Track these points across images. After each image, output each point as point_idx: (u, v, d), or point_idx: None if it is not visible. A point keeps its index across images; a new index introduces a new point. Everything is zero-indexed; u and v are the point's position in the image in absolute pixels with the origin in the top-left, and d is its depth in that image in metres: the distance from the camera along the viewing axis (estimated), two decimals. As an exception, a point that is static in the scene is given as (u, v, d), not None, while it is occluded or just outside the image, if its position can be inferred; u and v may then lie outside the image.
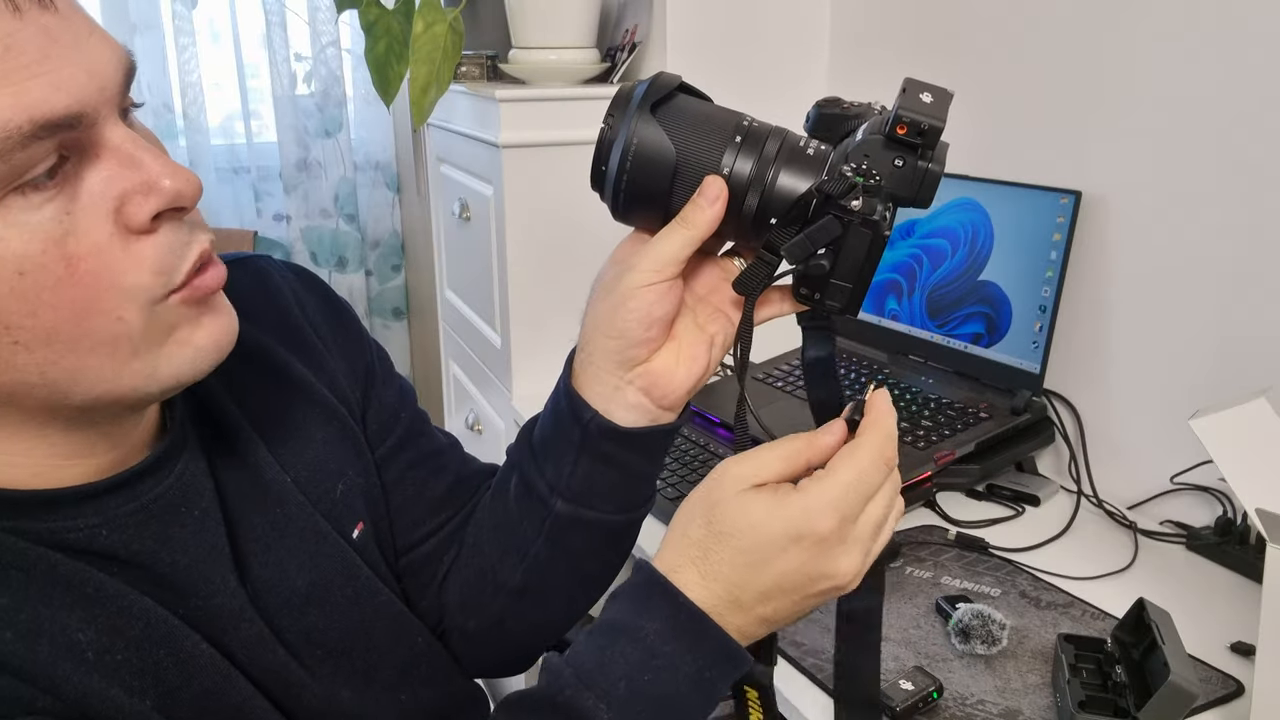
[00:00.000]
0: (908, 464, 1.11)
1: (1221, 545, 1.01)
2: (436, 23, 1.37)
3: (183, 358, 0.51)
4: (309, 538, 0.64)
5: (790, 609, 0.53)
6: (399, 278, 2.67)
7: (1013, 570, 1.00)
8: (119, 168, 0.47)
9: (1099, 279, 1.16)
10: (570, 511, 0.64)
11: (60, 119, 0.44)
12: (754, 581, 0.52)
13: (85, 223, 0.46)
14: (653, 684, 0.52)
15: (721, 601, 0.53)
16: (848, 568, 0.52)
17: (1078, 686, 0.77)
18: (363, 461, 0.71)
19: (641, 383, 0.61)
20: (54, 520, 0.51)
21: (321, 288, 0.76)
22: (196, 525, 0.57)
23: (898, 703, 0.77)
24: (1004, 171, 1.24)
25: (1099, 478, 1.15)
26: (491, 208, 1.51)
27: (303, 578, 0.63)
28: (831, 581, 0.52)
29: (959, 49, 1.32)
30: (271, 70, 2.36)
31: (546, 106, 1.44)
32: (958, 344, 1.27)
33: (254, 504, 0.62)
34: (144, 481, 0.55)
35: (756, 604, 0.53)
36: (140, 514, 0.54)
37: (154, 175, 0.48)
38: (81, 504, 0.52)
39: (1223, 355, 1.04)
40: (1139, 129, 1.10)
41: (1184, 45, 1.04)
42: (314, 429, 0.68)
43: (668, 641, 0.52)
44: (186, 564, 0.56)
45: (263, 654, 0.59)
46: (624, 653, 0.52)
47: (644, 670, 0.52)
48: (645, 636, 0.52)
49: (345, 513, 0.68)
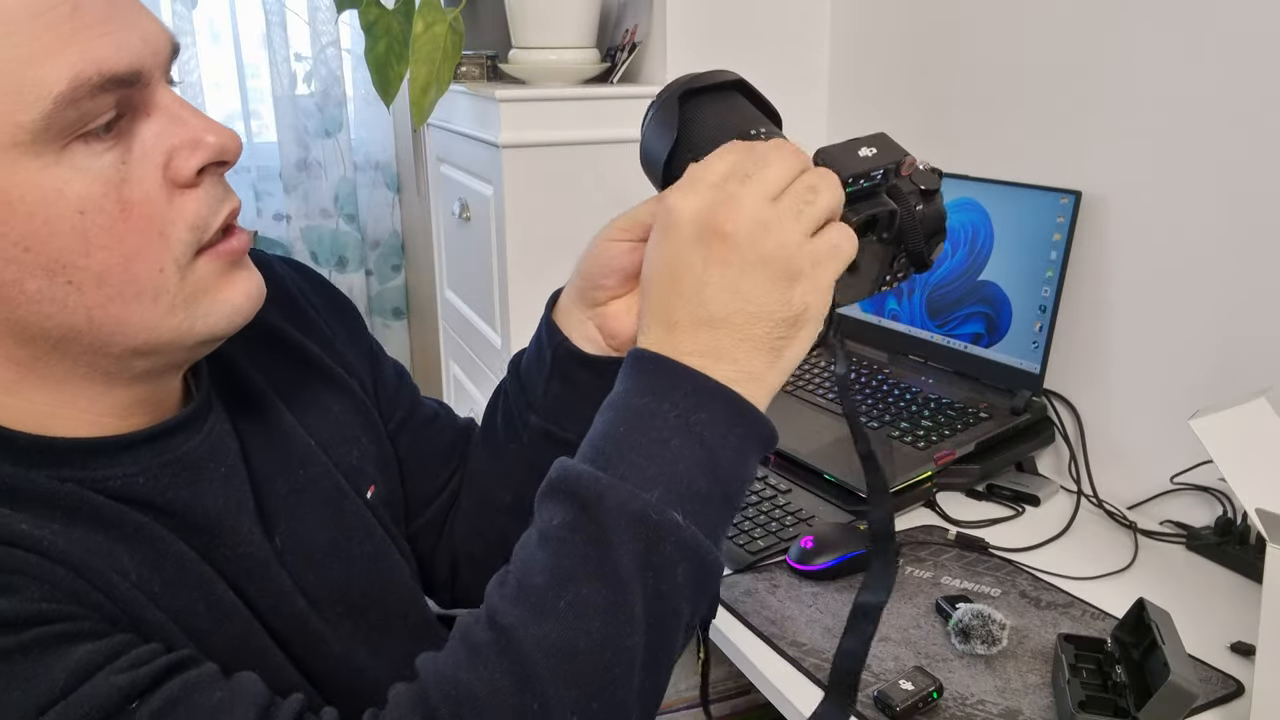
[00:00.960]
0: (908, 464, 1.11)
1: (1221, 545, 1.01)
2: (436, 23, 1.37)
3: (218, 313, 0.55)
4: (331, 496, 0.68)
5: (728, 296, 0.51)
6: (399, 278, 2.67)
7: (1013, 570, 1.00)
8: (168, 124, 0.52)
9: (1099, 279, 1.16)
10: (542, 427, 0.71)
11: (123, 74, 0.49)
12: (674, 293, 0.52)
13: (139, 172, 0.51)
14: (630, 433, 0.51)
15: (660, 336, 0.52)
16: (758, 212, 0.51)
17: (1078, 686, 0.77)
18: (374, 431, 0.75)
19: (597, 321, 0.67)
20: (93, 469, 0.54)
21: (317, 278, 0.79)
22: (224, 481, 0.60)
23: (898, 703, 0.77)
24: (1004, 171, 1.24)
25: (1099, 478, 1.15)
26: (491, 208, 1.51)
27: (324, 534, 0.66)
28: (782, 261, 0.51)
29: (959, 49, 1.32)
30: (271, 70, 2.36)
31: (546, 106, 1.44)
32: (958, 344, 1.27)
33: (277, 464, 0.65)
34: (175, 436, 0.59)
35: (692, 317, 0.52)
36: (173, 465, 0.58)
37: (199, 131, 0.52)
38: (119, 454, 0.56)
39: (1223, 355, 1.04)
40: (1139, 129, 1.10)
41: (1184, 45, 1.04)
42: (330, 400, 0.73)
43: (633, 395, 0.52)
44: (217, 513, 0.59)
45: (286, 606, 0.61)
46: (603, 421, 0.53)
47: (618, 424, 0.51)
48: (613, 400, 0.53)
49: (360, 476, 0.72)
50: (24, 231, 0.48)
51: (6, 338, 0.52)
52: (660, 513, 0.49)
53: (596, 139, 1.47)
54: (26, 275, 0.49)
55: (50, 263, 0.49)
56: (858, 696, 0.61)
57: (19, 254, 0.49)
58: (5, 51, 0.46)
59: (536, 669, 0.47)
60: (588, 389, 0.67)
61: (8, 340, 0.52)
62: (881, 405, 1.25)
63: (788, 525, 1.05)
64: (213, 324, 0.55)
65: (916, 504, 1.12)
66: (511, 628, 0.48)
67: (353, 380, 0.75)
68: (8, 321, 0.51)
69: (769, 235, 0.51)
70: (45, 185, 0.48)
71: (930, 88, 1.37)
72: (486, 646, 0.49)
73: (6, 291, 0.50)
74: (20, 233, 0.48)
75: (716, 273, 0.51)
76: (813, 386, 1.32)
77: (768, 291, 0.51)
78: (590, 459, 0.51)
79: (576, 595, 0.48)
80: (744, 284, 0.51)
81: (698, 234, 0.52)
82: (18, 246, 0.48)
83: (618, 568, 0.48)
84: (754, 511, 1.08)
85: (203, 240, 0.54)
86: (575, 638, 0.48)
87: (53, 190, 0.48)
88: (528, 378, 0.72)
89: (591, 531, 0.49)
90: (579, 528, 0.49)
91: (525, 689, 0.47)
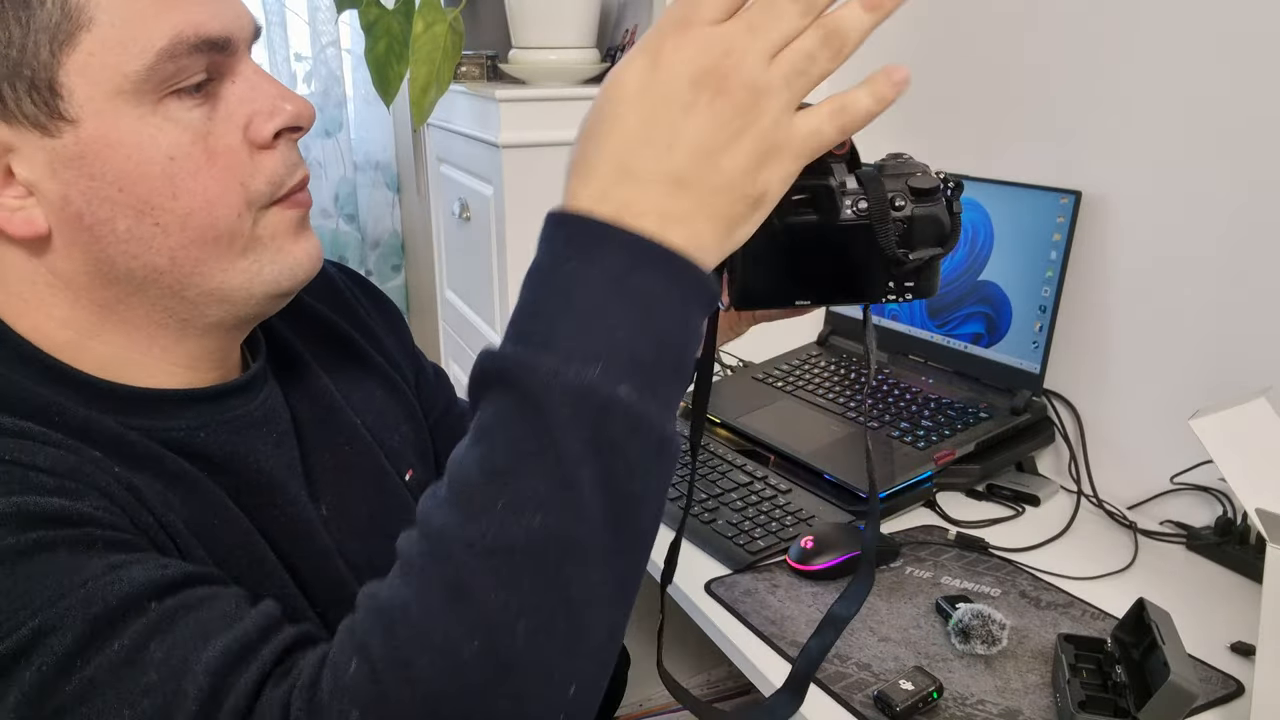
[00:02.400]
0: (908, 464, 1.11)
1: (1221, 545, 1.01)
2: (436, 23, 1.37)
3: (282, 264, 0.60)
4: (373, 473, 0.71)
5: (702, 157, 0.45)
6: (399, 278, 2.67)
7: (1013, 570, 1.00)
8: (250, 90, 0.57)
9: (1099, 279, 1.16)
10: None
11: (216, 38, 0.54)
12: (640, 139, 0.45)
13: (222, 128, 0.56)
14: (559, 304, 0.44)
15: (604, 187, 0.45)
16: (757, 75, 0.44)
17: (1078, 686, 0.77)
18: (415, 421, 0.79)
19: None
20: (159, 419, 0.58)
21: (361, 278, 0.84)
22: (275, 444, 0.64)
23: (898, 703, 0.77)
24: (1004, 171, 1.24)
25: (1099, 478, 1.15)
26: (491, 208, 1.51)
27: (366, 507, 0.69)
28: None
29: (959, 49, 1.32)
30: (271, 70, 2.36)
31: (546, 106, 1.44)
32: (958, 344, 1.27)
33: (324, 437, 0.69)
34: (235, 397, 0.63)
35: (657, 170, 0.45)
36: (232, 423, 0.62)
37: (278, 99, 0.58)
38: (183, 407, 0.60)
39: (1223, 355, 1.04)
40: (1139, 129, 1.10)
41: (1184, 45, 1.04)
42: (373, 386, 0.77)
43: (559, 261, 0.45)
44: (269, 471, 0.62)
45: (327, 569, 0.63)
46: (526, 296, 0.46)
47: (545, 298, 0.45)
48: (534, 270, 0.46)
49: (400, 459, 0.75)
50: (120, 172, 0.53)
51: (94, 278, 0.56)
52: (606, 388, 0.43)
53: (596, 139, 1.47)
54: (118, 214, 0.54)
55: (140, 203, 0.54)
56: (806, 694, 0.64)
57: (113, 193, 0.54)
58: (118, 8, 0.51)
59: (473, 574, 0.43)
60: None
61: (95, 281, 0.56)
62: (881, 405, 1.24)
63: (788, 525, 1.05)
64: (276, 274, 0.59)
65: (916, 504, 1.12)
66: (441, 533, 0.44)
67: (395, 373, 0.79)
68: (97, 260, 0.55)
69: (759, 104, 0.45)
70: (142, 131, 0.53)
71: (930, 88, 1.37)
72: (417, 558, 0.45)
73: (99, 230, 0.54)
74: (116, 173, 0.53)
75: (695, 128, 0.45)
76: (813, 386, 1.32)
77: (743, 164, 0.45)
78: (516, 340, 0.45)
79: (516, 490, 0.43)
80: (723, 149, 0.45)
81: (691, 81, 0.44)
82: (113, 186, 0.53)
83: (562, 455, 0.43)
84: (754, 511, 1.08)
85: (276, 195, 0.59)
86: (514, 534, 0.43)
87: (148, 136, 0.53)
88: None
89: (529, 418, 0.43)
90: (514, 417, 0.44)
91: (461, 598, 0.43)
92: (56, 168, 0.53)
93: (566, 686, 0.44)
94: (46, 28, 0.51)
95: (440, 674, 0.42)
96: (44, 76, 0.51)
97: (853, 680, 0.82)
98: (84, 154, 0.53)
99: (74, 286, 0.57)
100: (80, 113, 0.52)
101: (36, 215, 0.54)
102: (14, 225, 0.54)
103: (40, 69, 0.51)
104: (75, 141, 0.53)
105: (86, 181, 0.53)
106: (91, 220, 0.54)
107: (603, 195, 0.45)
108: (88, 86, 0.52)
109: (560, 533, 0.43)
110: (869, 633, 0.88)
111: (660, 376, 0.45)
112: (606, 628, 0.46)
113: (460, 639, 0.42)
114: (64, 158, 0.53)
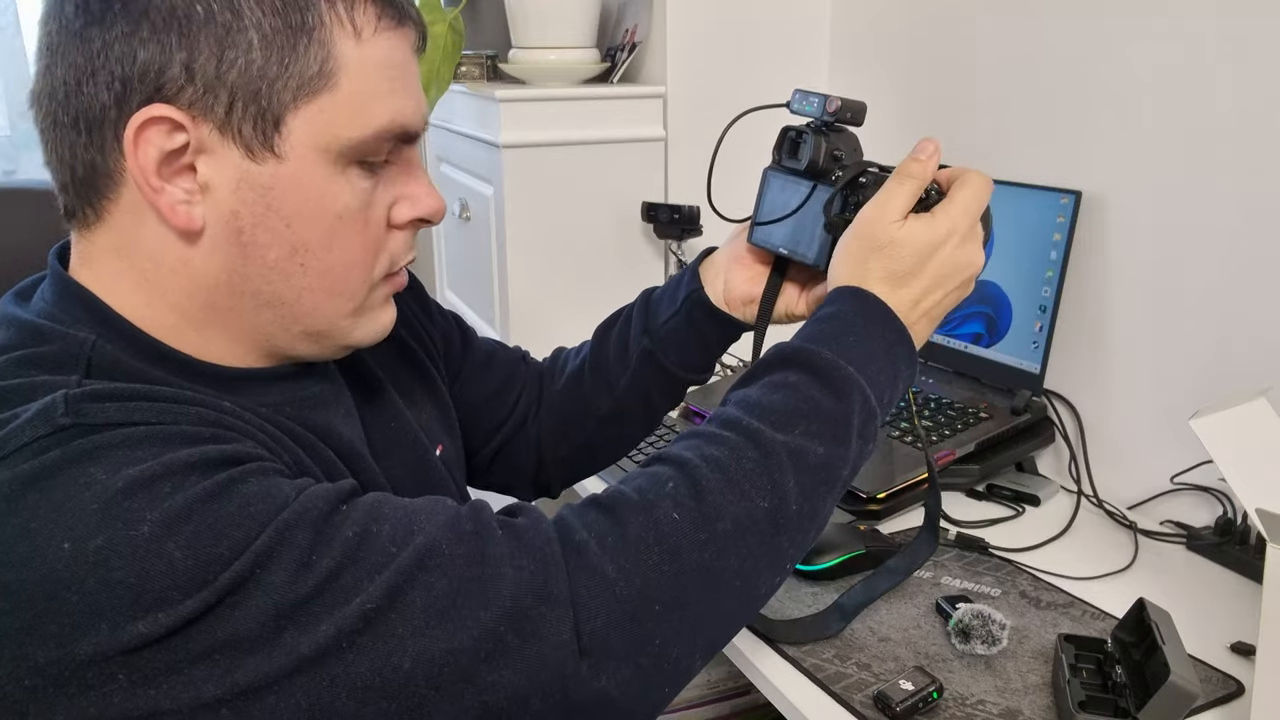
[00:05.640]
0: (907, 464, 1.11)
1: (1221, 545, 1.01)
2: (436, 23, 1.37)
3: (372, 327, 0.67)
4: (416, 448, 0.76)
5: (943, 297, 0.70)
6: (399, 278, 2.67)
7: (1013, 570, 1.00)
8: (406, 177, 0.64)
9: (1099, 279, 1.16)
10: (649, 349, 0.86)
11: (412, 130, 0.62)
12: (922, 273, 0.69)
13: (379, 202, 0.63)
14: (856, 343, 0.66)
15: (891, 287, 0.69)
16: (978, 256, 0.72)
17: (1078, 686, 0.77)
18: (438, 397, 0.84)
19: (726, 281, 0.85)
20: (250, 394, 0.63)
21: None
22: (344, 418, 0.70)
23: (897, 702, 0.77)
24: (1004, 171, 1.24)
25: (1099, 478, 1.16)
26: (491, 208, 1.51)
27: (412, 480, 0.74)
28: (971, 268, 0.71)
29: (959, 50, 1.32)
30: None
31: (546, 106, 1.44)
32: (958, 344, 1.27)
33: (375, 414, 0.74)
34: (309, 377, 0.68)
35: (923, 295, 0.69)
36: (310, 399, 0.67)
37: (424, 192, 0.65)
38: (270, 384, 0.65)
39: (1223, 355, 1.04)
40: (1139, 129, 1.10)
41: (1184, 45, 1.04)
42: (397, 363, 0.82)
43: (859, 318, 0.67)
44: (349, 441, 0.68)
45: None
46: (827, 324, 0.67)
47: (847, 333, 0.66)
48: (841, 314, 0.67)
49: (430, 434, 0.80)
50: (295, 212, 0.59)
51: (221, 285, 0.60)
52: (876, 400, 0.65)
53: (596, 139, 1.47)
54: (275, 244, 0.59)
55: (299, 242, 0.60)
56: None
57: (281, 227, 0.59)
58: (363, 84, 0.58)
59: (781, 459, 0.60)
60: (702, 332, 0.85)
61: (220, 287, 0.60)
62: (881, 405, 1.24)
63: (788, 525, 1.05)
64: (365, 332, 0.66)
65: (916, 504, 1.12)
66: (757, 429, 0.60)
67: (419, 350, 0.84)
68: (232, 272, 0.60)
69: (970, 255, 0.72)
70: (328, 187, 0.59)
71: (930, 88, 1.37)
72: (737, 433, 0.61)
73: (251, 250, 0.59)
74: (292, 212, 0.59)
75: (952, 264, 0.71)
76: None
77: (960, 293, 0.72)
78: (819, 341, 0.65)
79: (809, 425, 0.61)
80: (958, 286, 0.71)
81: (960, 240, 0.71)
82: (283, 221, 0.59)
83: (845, 423, 0.62)
84: (754, 511, 1.08)
85: (389, 272, 0.66)
86: (809, 448, 0.61)
87: (331, 193, 0.59)
88: (655, 307, 0.87)
89: (830, 389, 0.63)
90: (814, 386, 0.63)
91: (771, 467, 0.59)
92: (242, 187, 0.57)
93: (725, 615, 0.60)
94: (300, 76, 0.56)
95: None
96: (276, 112, 0.57)
97: (852, 680, 0.82)
98: (273, 186, 0.58)
99: (198, 283, 0.60)
100: (290, 153, 0.57)
101: (198, 214, 0.57)
102: (175, 215, 0.57)
103: (276, 105, 0.56)
104: (272, 174, 0.57)
105: (263, 209, 0.58)
106: (249, 240, 0.59)
107: (890, 288, 0.69)
108: (307, 135, 0.57)
109: (835, 466, 0.62)
110: (869, 632, 0.88)
111: (883, 411, 0.66)
112: (770, 588, 0.62)
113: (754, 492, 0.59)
114: (254, 182, 0.57)
